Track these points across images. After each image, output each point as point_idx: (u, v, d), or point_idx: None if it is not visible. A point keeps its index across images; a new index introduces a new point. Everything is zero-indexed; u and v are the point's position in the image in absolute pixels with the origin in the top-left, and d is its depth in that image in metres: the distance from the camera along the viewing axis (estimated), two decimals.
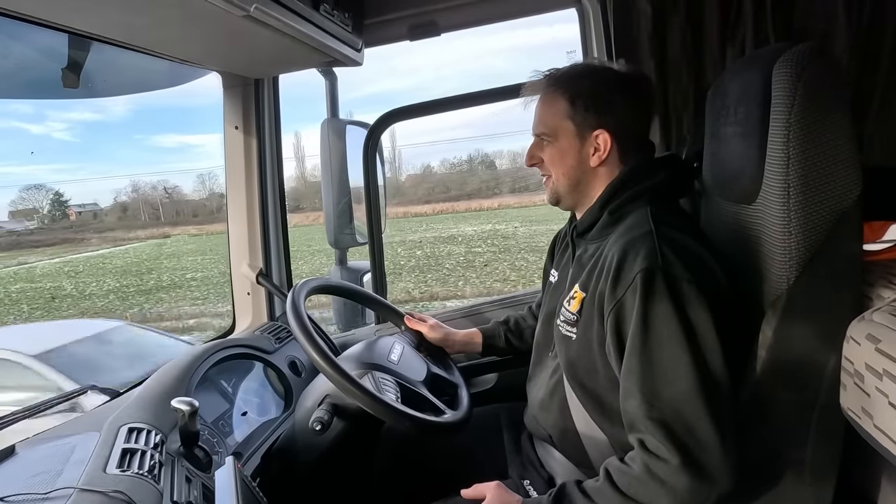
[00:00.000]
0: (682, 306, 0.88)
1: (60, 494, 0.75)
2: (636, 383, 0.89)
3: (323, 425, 1.10)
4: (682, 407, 0.86)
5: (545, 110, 1.09)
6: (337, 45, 1.35)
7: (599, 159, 1.06)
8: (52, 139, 44.50)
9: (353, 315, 1.88)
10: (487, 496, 1.00)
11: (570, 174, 1.09)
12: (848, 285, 0.90)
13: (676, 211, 1.07)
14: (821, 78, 0.87)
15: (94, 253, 23.04)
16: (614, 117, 1.05)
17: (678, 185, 1.12)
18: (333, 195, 1.80)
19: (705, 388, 0.85)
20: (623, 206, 1.03)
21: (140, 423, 1.00)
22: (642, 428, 0.89)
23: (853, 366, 0.80)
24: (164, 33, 1.16)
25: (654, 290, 0.88)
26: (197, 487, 0.93)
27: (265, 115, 1.68)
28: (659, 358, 0.88)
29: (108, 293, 15.19)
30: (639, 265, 0.90)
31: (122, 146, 44.24)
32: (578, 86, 1.06)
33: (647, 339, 0.89)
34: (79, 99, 1.75)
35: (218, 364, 1.34)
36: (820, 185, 0.87)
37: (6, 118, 42.42)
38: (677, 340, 0.87)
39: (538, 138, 1.11)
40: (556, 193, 1.12)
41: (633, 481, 0.89)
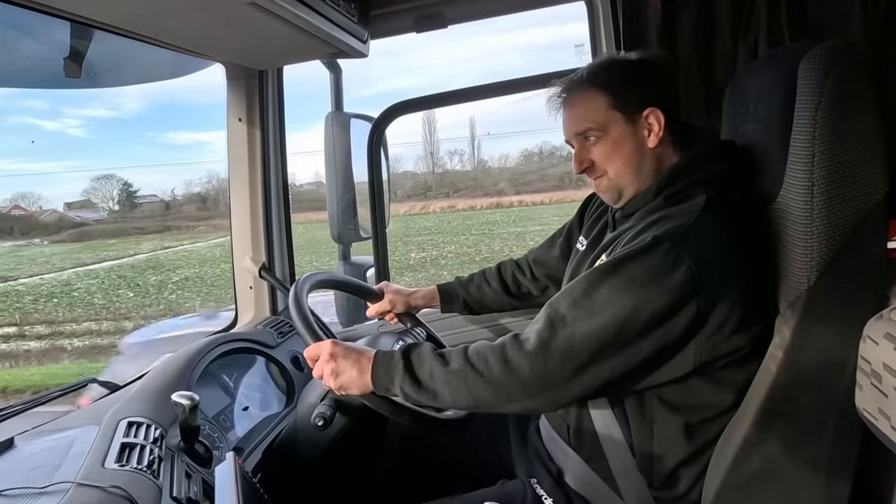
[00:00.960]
0: (659, 278, 0.87)
1: (58, 489, 0.74)
2: (570, 293, 0.92)
3: (325, 420, 1.08)
4: (577, 336, 0.88)
5: (584, 108, 1.05)
6: (342, 36, 1.33)
7: (657, 137, 1.02)
8: (66, 135, 44.59)
9: (357, 310, 1.86)
10: (323, 349, 1.00)
11: (630, 161, 1.03)
12: (871, 285, 0.88)
13: (733, 205, 1.01)
14: (847, 75, 0.85)
15: (223, 239, 22.37)
16: (657, 93, 1.02)
17: (738, 177, 1.05)
18: (337, 189, 1.78)
19: (608, 342, 0.87)
20: (680, 192, 0.99)
21: (140, 417, 0.99)
22: (539, 325, 0.92)
23: (870, 366, 0.78)
24: (168, 22, 1.14)
25: (651, 253, 0.89)
26: (197, 483, 0.92)
27: (269, 107, 1.66)
28: (602, 294, 0.89)
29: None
30: (656, 232, 0.91)
31: (136, 143, 44.47)
32: (612, 76, 1.03)
33: (606, 277, 0.90)
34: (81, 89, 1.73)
35: (219, 358, 1.33)
36: (845, 183, 0.85)
37: (21, 114, 42.52)
38: (626, 296, 0.87)
39: (583, 138, 1.06)
40: (617, 189, 1.06)
41: (484, 348, 0.93)
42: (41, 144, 41.20)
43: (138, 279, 15.82)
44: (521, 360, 0.89)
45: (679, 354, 0.91)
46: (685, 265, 0.86)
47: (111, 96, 48.78)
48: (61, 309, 13.08)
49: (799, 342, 0.89)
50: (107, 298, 13.87)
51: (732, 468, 0.94)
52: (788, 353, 0.89)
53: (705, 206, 0.94)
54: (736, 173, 1.04)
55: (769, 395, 0.91)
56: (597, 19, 1.60)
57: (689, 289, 0.86)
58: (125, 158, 41.70)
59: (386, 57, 26.10)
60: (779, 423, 0.92)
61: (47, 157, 43.25)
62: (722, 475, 0.95)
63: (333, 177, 1.77)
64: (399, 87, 53.14)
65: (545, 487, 1.09)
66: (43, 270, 17.95)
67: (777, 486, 0.94)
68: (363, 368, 0.96)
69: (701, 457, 0.99)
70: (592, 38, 1.62)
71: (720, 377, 0.96)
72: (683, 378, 0.93)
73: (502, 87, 1.62)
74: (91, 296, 14.24)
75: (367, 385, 0.96)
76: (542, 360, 0.88)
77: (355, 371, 0.97)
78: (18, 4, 0.97)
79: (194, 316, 8.83)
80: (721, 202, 0.97)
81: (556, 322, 0.90)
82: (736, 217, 0.99)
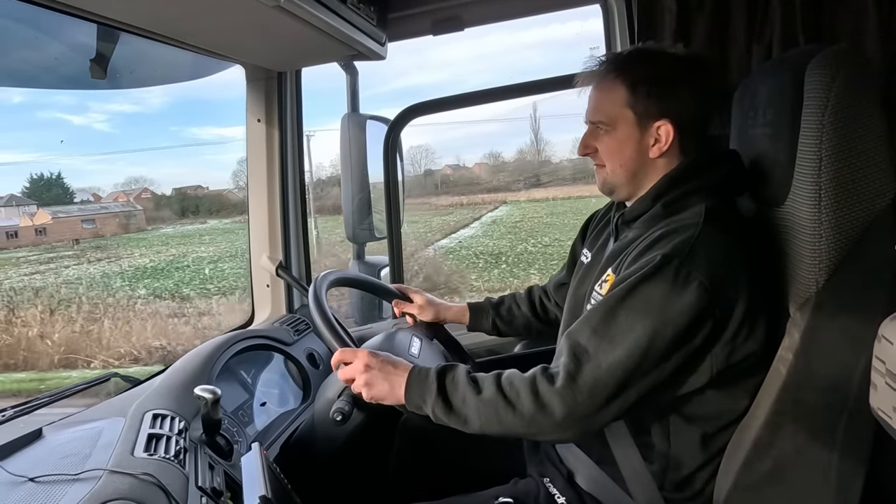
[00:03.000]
0: (674, 298, 0.88)
1: (90, 476, 0.77)
2: (588, 329, 0.92)
3: (343, 416, 1.10)
4: (603, 363, 0.89)
5: (602, 98, 1.04)
6: (362, 39, 1.35)
7: (660, 151, 1.01)
8: (92, 129, 45.28)
9: (371, 309, 1.88)
10: (358, 355, 1.02)
11: (627, 165, 1.04)
12: (879, 288, 0.89)
13: (733, 213, 1.03)
14: (855, 79, 0.86)
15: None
16: (678, 106, 0.99)
17: (737, 184, 1.06)
18: (352, 190, 1.80)
19: (633, 369, 0.88)
20: (679, 199, 0.99)
21: (164, 409, 1.02)
22: (564, 359, 0.92)
23: (885, 365, 0.78)
24: (193, 24, 1.17)
25: (662, 273, 0.89)
26: (219, 475, 0.94)
27: (287, 108, 1.69)
28: (622, 321, 0.90)
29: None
30: (664, 250, 0.91)
31: (162, 138, 45.03)
32: (639, 71, 1.00)
33: (623, 303, 0.90)
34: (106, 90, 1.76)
35: (237, 355, 1.36)
36: (852, 188, 0.85)
37: (49, 109, 43.29)
38: (645, 321, 0.88)
39: (594, 126, 1.06)
40: (610, 184, 1.08)
41: (516, 382, 0.93)
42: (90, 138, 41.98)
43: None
44: (551, 396, 0.89)
45: (698, 367, 0.92)
46: (697, 281, 0.87)
47: (136, 91, 49.45)
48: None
49: (809, 344, 0.90)
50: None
51: (744, 469, 0.95)
52: (798, 356, 0.90)
53: (706, 217, 0.94)
54: (735, 181, 1.04)
55: (780, 397, 0.92)
56: (612, 21, 1.61)
57: (705, 303, 0.87)
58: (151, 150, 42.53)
59: (406, 54, 25.85)
60: (790, 424, 0.93)
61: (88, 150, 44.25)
62: (734, 476, 0.96)
63: (349, 177, 1.79)
64: (419, 83, 53.01)
65: (557, 486, 1.10)
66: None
67: (788, 487, 0.95)
68: (397, 384, 0.98)
69: (714, 461, 1.00)
70: (608, 39, 1.63)
71: (734, 384, 0.96)
72: (700, 389, 0.94)
73: (523, 88, 1.64)
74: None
75: (400, 400, 0.98)
76: (571, 395, 0.89)
77: (388, 385, 0.98)
78: (50, 7, 1.00)
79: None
80: (721, 211, 0.97)
81: (580, 354, 0.90)
82: (739, 224, 1.00)
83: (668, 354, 0.88)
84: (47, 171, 27.80)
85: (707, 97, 1.03)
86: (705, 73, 1.03)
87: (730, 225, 0.96)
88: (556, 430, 0.91)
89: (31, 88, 21.02)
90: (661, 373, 0.89)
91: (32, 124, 40.17)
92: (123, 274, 15.83)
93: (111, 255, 18.74)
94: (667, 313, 0.88)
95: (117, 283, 14.75)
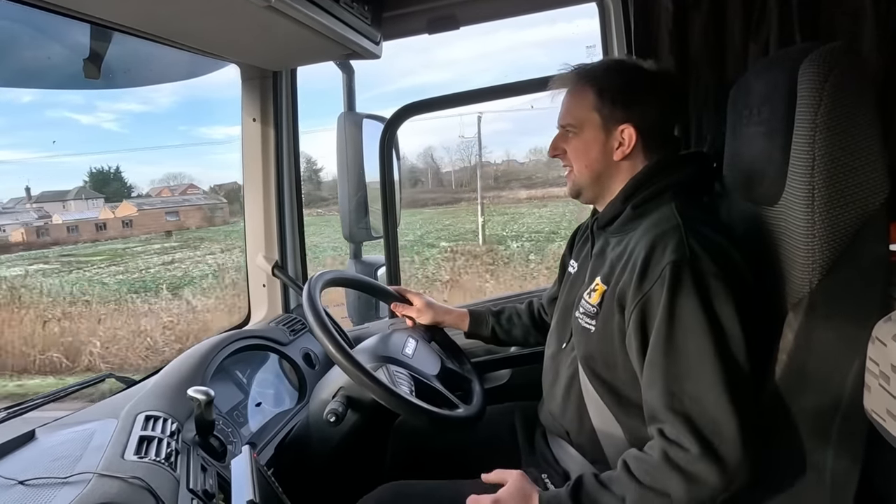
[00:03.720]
0: (709, 299, 0.88)
1: (80, 479, 0.76)
2: (660, 374, 0.90)
3: (337, 417, 1.10)
4: (704, 398, 0.87)
5: (573, 102, 1.10)
6: (356, 38, 1.35)
7: (623, 154, 1.06)
8: (100, 129, 45.48)
9: (367, 309, 1.88)
10: (509, 481, 1.00)
11: (592, 167, 1.09)
12: (873, 288, 0.88)
13: (701, 207, 1.07)
14: (848, 78, 0.86)
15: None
16: (641, 113, 1.05)
17: (703, 182, 1.12)
18: (349, 189, 1.80)
19: (729, 381, 0.86)
20: (647, 201, 1.03)
21: (157, 411, 1.01)
22: (663, 418, 0.89)
23: (878, 367, 0.78)
24: (185, 24, 1.17)
25: (682, 282, 0.89)
26: (212, 476, 0.94)
27: (283, 107, 1.68)
28: (685, 349, 0.89)
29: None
30: (667, 258, 0.91)
31: (171, 137, 45.26)
32: (607, 79, 1.06)
33: (674, 331, 0.89)
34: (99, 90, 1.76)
35: (233, 355, 1.35)
36: (846, 187, 0.85)
37: (58, 108, 43.49)
38: (703, 333, 0.87)
39: (563, 130, 1.11)
40: (577, 186, 1.12)
41: (651, 469, 0.89)
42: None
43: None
44: (689, 462, 0.86)
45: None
46: (712, 273, 0.89)
47: (144, 91, 49.53)
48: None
49: (802, 344, 0.90)
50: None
51: None
52: (792, 356, 0.90)
53: (682, 215, 0.96)
54: (701, 180, 1.09)
55: (774, 397, 0.92)
56: (608, 20, 1.60)
57: (731, 289, 0.89)
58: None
59: (412, 53, 25.57)
60: (784, 424, 0.92)
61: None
62: None
63: (345, 176, 1.79)
64: (424, 82, 52.99)
65: (555, 483, 1.11)
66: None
67: (783, 487, 0.95)
68: None
69: None
70: (604, 38, 1.63)
71: None
72: None
73: (518, 87, 1.63)
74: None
75: None
76: (706, 447, 0.86)
77: None
78: (41, 7, 1.00)
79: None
80: (692, 207, 1.00)
81: (677, 404, 0.88)
82: (714, 216, 1.04)
83: (746, 349, 0.88)
84: (106, 166, 28.61)
85: (670, 109, 1.10)
86: (669, 88, 1.09)
87: (705, 219, 0.99)
88: (720, 487, 0.86)
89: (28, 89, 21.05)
90: (748, 361, 0.88)
91: (41, 123, 40.32)
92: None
93: (226, 245, 18.78)
94: (716, 314, 0.88)
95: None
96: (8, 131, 36.51)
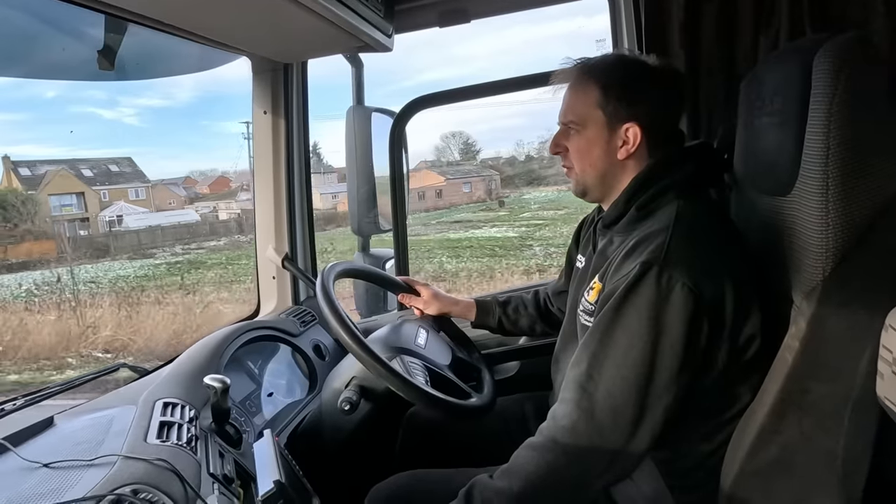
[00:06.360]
0: (663, 306, 0.88)
1: (105, 461, 0.77)
2: (587, 356, 0.93)
3: (352, 405, 1.11)
4: (615, 391, 0.89)
5: (575, 98, 1.07)
6: (368, 30, 1.35)
7: (627, 152, 1.04)
8: (122, 124, 45.84)
9: (376, 301, 1.89)
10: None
11: (596, 166, 1.07)
12: (886, 277, 0.88)
13: (706, 206, 1.05)
14: (863, 69, 0.86)
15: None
16: (646, 110, 1.03)
17: (709, 176, 1.10)
18: (357, 182, 1.81)
19: (646, 386, 0.89)
20: (651, 200, 1.01)
21: (174, 398, 1.02)
22: (570, 394, 0.92)
23: (892, 354, 0.79)
24: (199, 14, 1.17)
25: (643, 283, 0.89)
26: (230, 462, 0.95)
27: (293, 100, 1.69)
28: (619, 340, 0.90)
29: None
30: (641, 258, 0.91)
31: (191, 132, 45.66)
32: (612, 75, 1.04)
33: (615, 324, 0.91)
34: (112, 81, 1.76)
35: (245, 346, 1.36)
36: (860, 177, 0.85)
37: (82, 104, 43.84)
38: (642, 334, 0.89)
39: (565, 126, 1.09)
40: (582, 185, 1.11)
41: (535, 455, 0.93)
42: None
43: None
44: (575, 438, 0.90)
45: (707, 366, 0.93)
46: (679, 283, 0.88)
47: (164, 86, 49.82)
48: None
49: (815, 333, 0.90)
50: None
51: (749, 457, 0.95)
52: (804, 344, 0.90)
53: (678, 217, 0.96)
54: (706, 172, 1.07)
55: (785, 385, 0.92)
56: (618, 14, 1.61)
57: (694, 304, 0.88)
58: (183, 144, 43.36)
59: (432, 48, 25.57)
60: (795, 413, 0.93)
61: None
62: (739, 464, 0.96)
63: (354, 170, 1.79)
64: (444, 77, 52.94)
65: None
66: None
67: (794, 474, 0.95)
68: None
69: (720, 449, 1.00)
70: (614, 32, 1.63)
71: (740, 375, 0.97)
72: (707, 383, 0.95)
73: (530, 80, 1.63)
74: None
75: None
76: (596, 430, 0.90)
77: None
78: None
79: None
80: (695, 206, 0.99)
81: (587, 384, 0.91)
82: (715, 216, 1.02)
83: (678, 364, 0.89)
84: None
85: (674, 105, 1.08)
86: (674, 83, 1.07)
87: (704, 220, 0.99)
88: (597, 472, 0.91)
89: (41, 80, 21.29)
90: (678, 384, 0.90)
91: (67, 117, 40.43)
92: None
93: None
94: (661, 323, 0.88)
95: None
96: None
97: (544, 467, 0.92)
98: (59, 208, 24.22)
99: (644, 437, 0.90)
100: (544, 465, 0.92)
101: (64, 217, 23.61)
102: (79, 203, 24.62)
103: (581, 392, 0.91)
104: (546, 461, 0.92)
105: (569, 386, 0.94)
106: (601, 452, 0.90)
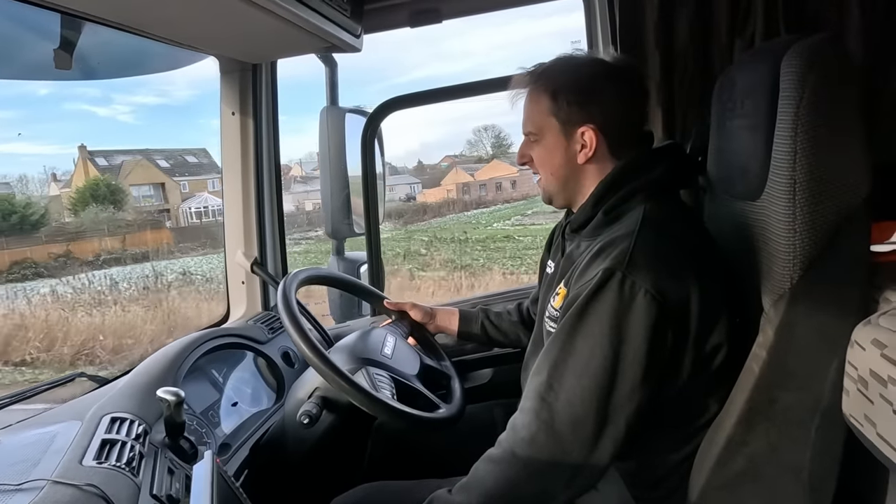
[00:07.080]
0: (625, 313, 0.86)
1: (33, 486, 0.73)
2: (548, 365, 0.90)
3: (311, 419, 1.08)
4: (576, 401, 0.87)
5: (531, 108, 1.05)
6: (334, 31, 1.32)
7: (586, 157, 1.02)
8: (116, 121, 45.67)
9: (350, 306, 1.86)
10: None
11: (557, 173, 1.05)
12: (853, 287, 0.87)
13: (675, 209, 1.02)
14: (832, 71, 0.84)
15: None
16: (600, 111, 1.00)
17: (679, 178, 1.07)
18: (331, 185, 1.77)
19: (607, 396, 0.86)
20: (619, 204, 0.99)
21: (124, 412, 0.98)
22: (530, 403, 0.90)
23: (857, 371, 0.77)
24: (160, 14, 1.13)
25: (606, 289, 0.87)
26: (180, 479, 0.91)
27: (262, 101, 1.65)
28: (580, 348, 0.88)
29: None
30: (604, 264, 0.89)
31: (186, 129, 45.56)
32: (560, 80, 1.01)
33: (577, 331, 0.89)
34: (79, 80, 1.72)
35: (209, 353, 1.32)
36: (827, 183, 0.83)
37: (76, 101, 43.67)
38: (603, 342, 0.86)
39: (526, 137, 1.08)
40: (547, 193, 1.10)
41: (493, 466, 0.91)
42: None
43: None
44: (535, 451, 0.88)
45: (672, 375, 0.90)
46: (642, 290, 0.86)
47: (159, 84, 49.82)
48: None
49: (782, 341, 0.88)
50: None
51: (717, 468, 0.93)
52: (772, 352, 0.88)
53: (643, 221, 0.93)
54: (675, 175, 1.04)
55: (752, 395, 0.91)
56: (593, 14, 1.59)
57: (657, 311, 0.86)
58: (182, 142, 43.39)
59: (424, 44, 25.30)
60: (762, 423, 0.91)
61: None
62: (706, 475, 0.95)
63: (328, 172, 1.76)
64: (437, 73, 52.84)
65: None
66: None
67: (761, 486, 0.94)
68: None
69: (687, 460, 0.99)
70: (588, 32, 1.61)
71: (708, 384, 0.95)
72: (674, 393, 0.93)
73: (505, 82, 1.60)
74: None
75: None
76: (556, 442, 0.87)
77: None
78: None
79: None
80: (662, 209, 0.97)
81: (546, 394, 0.89)
82: (684, 220, 1.00)
83: (641, 373, 0.86)
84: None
85: (631, 103, 1.04)
86: (627, 79, 1.03)
87: (672, 224, 0.96)
88: (560, 483, 0.89)
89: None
90: (641, 393, 0.87)
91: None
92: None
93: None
94: (623, 331, 0.86)
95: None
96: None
97: (503, 482, 0.89)
98: (140, 199, 24.28)
99: (606, 449, 0.88)
100: (503, 481, 0.89)
101: (143, 207, 23.63)
102: (156, 194, 24.68)
103: (541, 402, 0.89)
104: (506, 476, 0.89)
105: (529, 395, 0.91)
106: (562, 466, 0.87)
